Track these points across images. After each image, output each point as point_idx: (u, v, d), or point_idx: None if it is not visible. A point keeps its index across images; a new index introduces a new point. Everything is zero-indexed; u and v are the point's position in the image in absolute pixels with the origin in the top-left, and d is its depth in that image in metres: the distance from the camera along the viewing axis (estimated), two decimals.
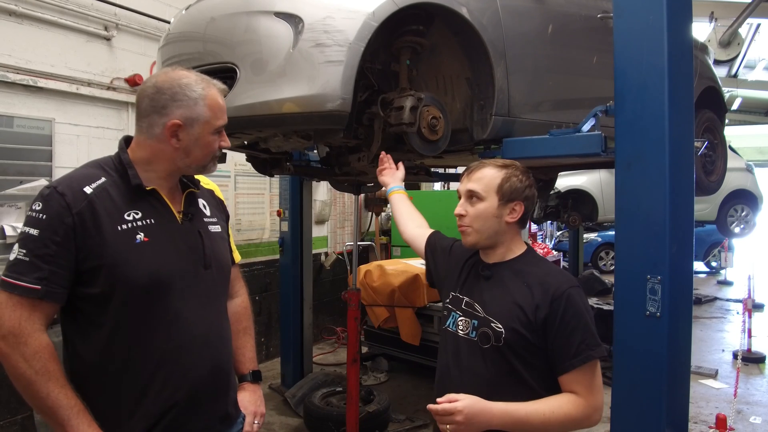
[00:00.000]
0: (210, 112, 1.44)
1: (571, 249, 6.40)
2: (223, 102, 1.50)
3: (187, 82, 1.44)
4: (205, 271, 1.50)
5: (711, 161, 4.09)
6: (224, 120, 1.49)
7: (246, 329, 1.80)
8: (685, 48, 2.26)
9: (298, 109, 2.10)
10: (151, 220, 1.42)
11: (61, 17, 3.73)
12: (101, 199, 1.37)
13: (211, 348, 1.49)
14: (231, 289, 1.77)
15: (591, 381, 1.45)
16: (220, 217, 1.67)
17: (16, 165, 3.45)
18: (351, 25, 2.12)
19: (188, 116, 1.42)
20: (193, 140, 1.44)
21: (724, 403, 4.47)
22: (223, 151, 1.61)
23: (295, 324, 4.82)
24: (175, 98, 1.42)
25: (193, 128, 1.43)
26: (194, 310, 1.46)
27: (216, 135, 1.48)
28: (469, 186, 1.62)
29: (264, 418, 1.75)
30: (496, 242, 1.61)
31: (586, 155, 2.45)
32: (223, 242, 1.63)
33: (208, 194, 1.70)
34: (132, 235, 1.37)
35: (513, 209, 1.58)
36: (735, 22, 7.52)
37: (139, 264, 1.36)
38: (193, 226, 1.52)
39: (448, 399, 1.40)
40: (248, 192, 5.52)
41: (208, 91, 1.45)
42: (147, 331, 1.38)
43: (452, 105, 2.72)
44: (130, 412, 1.37)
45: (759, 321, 6.70)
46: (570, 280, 1.53)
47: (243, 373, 1.74)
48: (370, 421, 3.77)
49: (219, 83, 1.52)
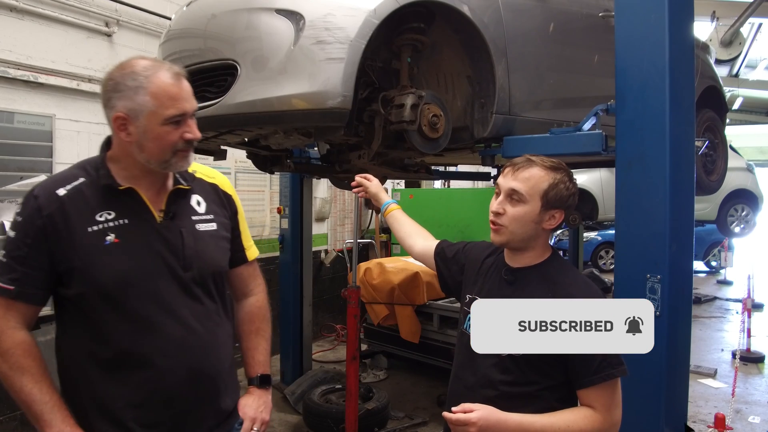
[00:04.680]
0: (154, 101, 1.32)
1: (571, 247, 6.38)
2: (179, 88, 1.36)
3: (131, 70, 1.33)
4: (185, 272, 1.42)
5: (711, 161, 4.09)
6: (178, 109, 1.35)
7: (258, 330, 1.70)
8: (687, 47, 2.25)
9: (299, 106, 2.10)
10: (124, 220, 1.37)
11: (62, 13, 3.73)
12: (74, 201, 1.34)
13: (189, 353, 1.40)
14: (245, 288, 1.70)
15: (610, 398, 1.40)
16: (219, 213, 1.57)
17: (16, 161, 3.45)
18: (352, 22, 2.12)
19: (131, 107, 1.32)
20: (142, 133, 1.34)
21: (723, 403, 4.47)
22: (225, 147, 1.55)
23: (294, 321, 4.82)
24: (117, 89, 1.33)
25: (139, 120, 1.33)
26: (168, 314, 1.39)
27: (171, 126, 1.35)
28: (513, 185, 1.47)
29: (266, 426, 1.62)
30: (527, 246, 1.52)
31: (586, 154, 2.45)
32: (215, 241, 1.52)
33: (210, 189, 1.59)
34: (101, 237, 1.34)
35: (553, 216, 1.49)
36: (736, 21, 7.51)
37: (106, 266, 1.33)
38: (173, 226, 1.44)
39: (463, 409, 1.37)
40: (248, 189, 5.52)
41: (153, 78, 1.32)
42: (118, 334, 1.35)
43: (453, 103, 2.72)
44: (106, 413, 1.35)
45: (758, 321, 6.70)
46: (595, 292, 1.47)
47: (250, 376, 1.66)
48: (369, 418, 3.78)
49: (175, 67, 1.39)
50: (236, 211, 1.65)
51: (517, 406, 1.41)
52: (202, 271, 1.46)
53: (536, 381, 1.44)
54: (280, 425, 4.17)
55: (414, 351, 4.93)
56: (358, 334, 4.32)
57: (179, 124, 1.37)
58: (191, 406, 1.43)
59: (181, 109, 1.36)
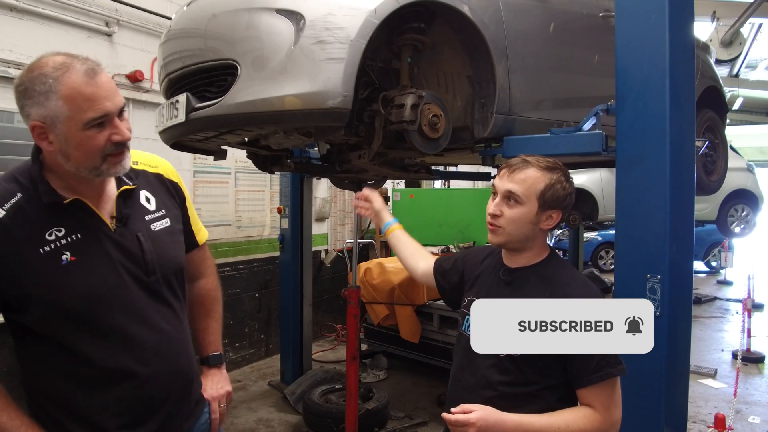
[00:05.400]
0: (69, 105, 1.19)
1: (571, 248, 6.38)
2: (94, 86, 1.22)
3: (39, 72, 1.20)
4: (149, 278, 1.38)
5: (712, 161, 4.09)
6: (96, 110, 1.21)
7: (209, 312, 1.69)
8: (687, 47, 2.25)
9: (299, 106, 2.10)
10: (77, 235, 1.28)
11: (63, 13, 3.73)
12: (16, 222, 1.24)
13: (164, 357, 1.40)
14: (196, 271, 1.67)
15: (610, 397, 1.41)
16: (170, 205, 1.51)
17: (16, 161, 3.42)
18: (352, 22, 2.11)
19: (45, 115, 1.19)
20: (64, 141, 1.22)
21: (723, 403, 4.47)
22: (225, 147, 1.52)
23: (294, 321, 4.82)
24: (27, 95, 1.20)
25: (57, 127, 1.20)
26: (140, 324, 1.35)
27: (93, 129, 1.22)
28: (510, 186, 1.49)
29: (231, 396, 1.66)
30: (525, 246, 1.54)
31: (586, 154, 2.44)
32: (171, 237, 1.48)
33: (156, 181, 1.51)
34: (57, 257, 1.25)
35: (550, 216, 1.51)
36: (737, 21, 7.52)
37: (68, 287, 1.25)
38: (129, 232, 1.37)
39: (462, 409, 1.38)
40: (248, 189, 5.52)
41: (62, 79, 1.19)
42: (91, 352, 1.29)
43: (453, 103, 2.72)
44: (89, 425, 1.31)
45: (758, 321, 6.70)
46: (593, 291, 1.49)
47: (203, 356, 1.66)
48: (369, 418, 3.78)
49: (90, 61, 1.25)
50: (184, 198, 1.60)
51: (516, 406, 1.41)
52: (164, 272, 1.42)
53: (535, 381, 1.44)
54: (280, 425, 4.17)
55: (414, 351, 4.93)
56: (358, 334, 4.32)
57: (103, 126, 1.24)
58: (172, 404, 1.44)
59: (101, 110, 1.22)
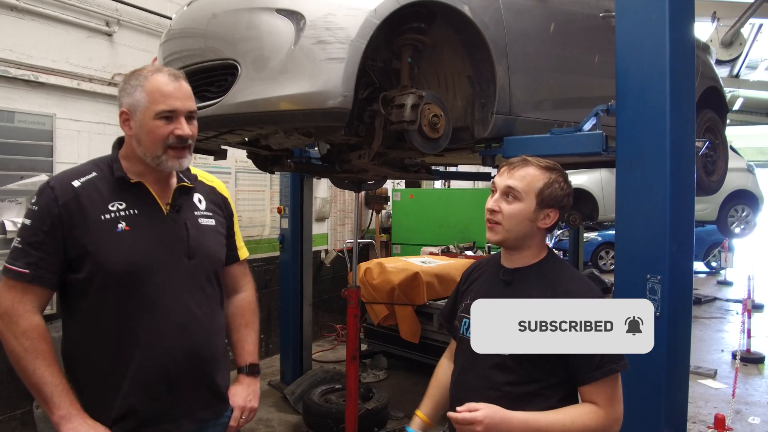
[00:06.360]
0: (148, 96, 1.46)
1: (571, 248, 6.39)
2: (173, 87, 1.48)
3: (137, 73, 1.50)
4: (189, 260, 1.54)
5: (712, 161, 4.09)
6: (167, 105, 1.47)
7: (248, 323, 1.81)
8: (687, 48, 2.25)
9: (299, 106, 2.10)
10: (134, 210, 1.49)
11: (63, 12, 3.73)
12: (88, 191, 1.46)
13: (189, 336, 1.51)
14: (236, 285, 1.82)
15: (612, 393, 1.42)
16: (218, 213, 1.70)
17: (17, 160, 3.45)
18: (353, 22, 2.12)
19: (131, 104, 1.48)
20: (139, 127, 1.48)
21: (723, 403, 4.47)
22: (225, 147, 1.62)
23: (294, 321, 4.82)
24: (123, 88, 1.50)
25: (136, 115, 1.47)
26: (173, 299, 1.50)
27: (161, 120, 1.47)
28: (509, 182, 1.51)
29: (255, 413, 1.74)
30: (523, 245, 1.54)
31: (587, 154, 2.45)
32: (214, 235, 1.65)
33: (209, 190, 1.72)
34: (114, 224, 1.45)
35: (548, 215, 1.52)
36: (737, 22, 7.51)
37: (116, 252, 1.43)
38: (179, 218, 1.56)
39: (467, 408, 1.38)
40: (249, 189, 5.52)
41: (150, 78, 1.47)
42: (125, 316, 1.45)
43: (453, 103, 2.72)
44: (110, 394, 1.44)
45: (758, 321, 6.70)
46: (593, 289, 1.49)
47: (240, 365, 1.76)
48: (369, 418, 3.78)
49: (177, 72, 1.53)
50: (231, 213, 1.79)
51: (520, 405, 1.42)
52: (204, 260, 1.58)
53: (538, 379, 1.45)
54: (280, 425, 4.17)
55: (414, 351, 4.93)
56: (358, 334, 4.32)
57: (170, 120, 1.48)
58: (188, 387, 1.52)
59: (171, 105, 1.47)
